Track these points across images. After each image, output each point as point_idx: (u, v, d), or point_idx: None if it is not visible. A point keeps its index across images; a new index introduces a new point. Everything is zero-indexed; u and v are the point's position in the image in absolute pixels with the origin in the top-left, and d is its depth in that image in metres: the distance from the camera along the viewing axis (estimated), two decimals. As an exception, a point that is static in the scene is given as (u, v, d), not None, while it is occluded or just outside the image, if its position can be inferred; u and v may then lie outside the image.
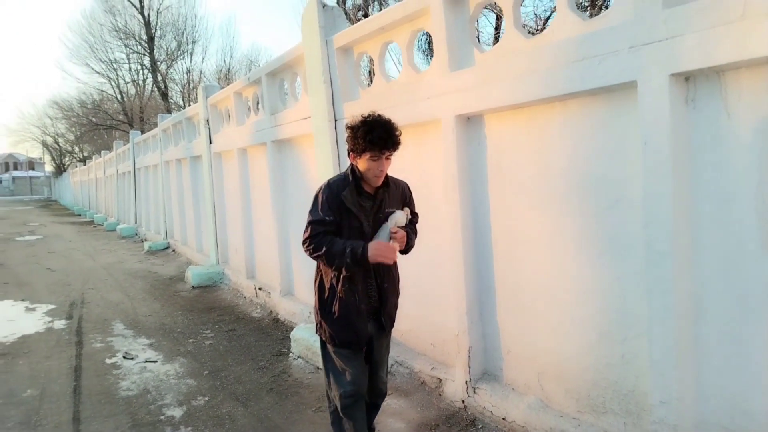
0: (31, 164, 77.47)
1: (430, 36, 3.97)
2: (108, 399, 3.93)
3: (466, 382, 3.44)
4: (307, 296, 5.64)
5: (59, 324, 6.05)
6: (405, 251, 2.69)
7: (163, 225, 12.41)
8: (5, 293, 7.77)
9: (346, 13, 13.27)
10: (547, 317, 3.04)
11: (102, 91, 34.32)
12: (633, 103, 2.39)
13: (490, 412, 3.27)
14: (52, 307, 6.88)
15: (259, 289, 6.56)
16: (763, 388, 2.14)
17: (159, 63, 31.53)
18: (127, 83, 32.90)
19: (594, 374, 2.79)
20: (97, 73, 32.83)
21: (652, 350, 2.40)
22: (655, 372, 2.39)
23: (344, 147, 4.39)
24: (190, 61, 38.86)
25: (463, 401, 3.46)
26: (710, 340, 2.29)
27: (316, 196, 2.61)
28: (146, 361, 4.71)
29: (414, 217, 2.80)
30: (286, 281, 6.04)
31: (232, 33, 76.66)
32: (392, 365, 4.10)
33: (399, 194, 2.73)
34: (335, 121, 4.48)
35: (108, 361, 4.76)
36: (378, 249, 2.42)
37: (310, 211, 2.59)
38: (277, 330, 5.51)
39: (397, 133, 2.48)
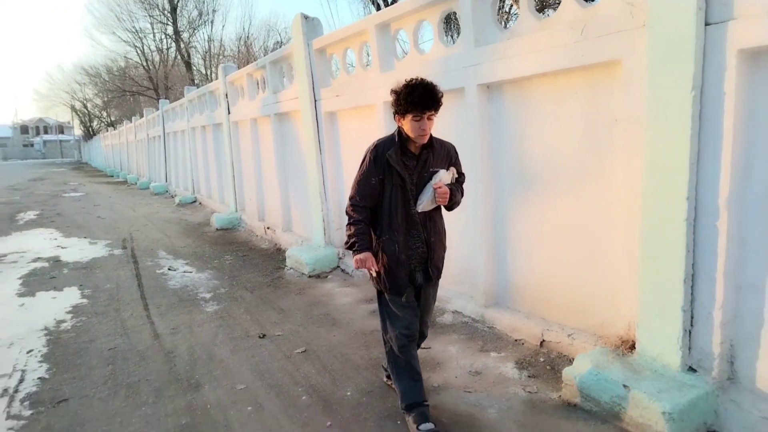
0: (61, 128, 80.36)
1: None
2: (161, 289, 5.91)
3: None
4: (301, 231, 7.57)
5: (117, 251, 8.09)
6: (450, 207, 2.87)
7: (190, 182, 14.44)
8: (70, 233, 9.87)
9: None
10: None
11: (128, 58, 36.22)
12: (464, 100, 4.15)
13: (405, 294, 5.13)
14: (108, 241, 8.93)
15: (267, 228, 8.51)
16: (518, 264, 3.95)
17: (182, 32, 33.20)
18: (152, 52, 34.64)
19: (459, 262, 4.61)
20: (124, 41, 34.66)
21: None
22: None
23: (323, 122, 6.23)
24: (211, 30, 40.41)
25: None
26: (511, 245, 4.09)
27: (365, 156, 2.82)
28: (185, 272, 6.69)
29: (461, 177, 2.96)
30: (286, 221, 7.98)
31: (250, 1, 77.56)
32: (352, 271, 6.00)
33: (444, 154, 2.85)
34: (315, 101, 6.29)
35: (158, 271, 6.76)
36: (360, 261, 2.73)
37: (359, 170, 2.82)
38: (278, 255, 7.44)
39: (439, 94, 2.61)
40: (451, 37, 12.35)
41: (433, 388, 3.29)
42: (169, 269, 6.83)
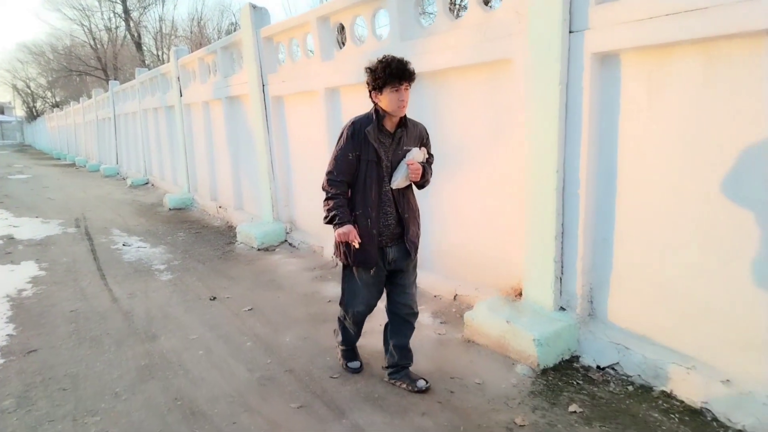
0: (1, 109, 76.63)
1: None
2: (117, 262, 6.28)
3: (333, 246, 5.87)
4: (252, 208, 8.02)
5: (71, 230, 8.33)
6: (421, 185, 2.98)
7: (143, 164, 14.53)
8: (21, 214, 9.95)
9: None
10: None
11: (74, 36, 35.06)
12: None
13: (345, 262, 5.70)
14: (61, 221, 9.12)
15: (219, 207, 8.90)
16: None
17: (131, 11, 32.39)
18: (100, 31, 33.66)
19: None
20: (70, 19, 33.56)
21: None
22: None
23: (270, 106, 6.68)
24: (163, 9, 39.51)
25: (333, 258, 5.90)
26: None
27: (342, 132, 2.85)
28: (139, 247, 7.05)
29: (430, 157, 3.05)
30: (237, 199, 8.41)
31: (203, -21, 75.30)
32: (298, 244, 6.54)
33: (416, 134, 2.92)
34: (263, 86, 6.73)
35: (112, 247, 7.10)
36: (343, 234, 2.76)
37: (336, 146, 2.86)
38: (230, 232, 7.87)
39: (412, 67, 2.70)
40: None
41: (363, 333, 3.89)
42: (123, 245, 7.18)
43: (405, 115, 2.83)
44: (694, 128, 2.80)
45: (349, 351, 3.37)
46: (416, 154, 2.85)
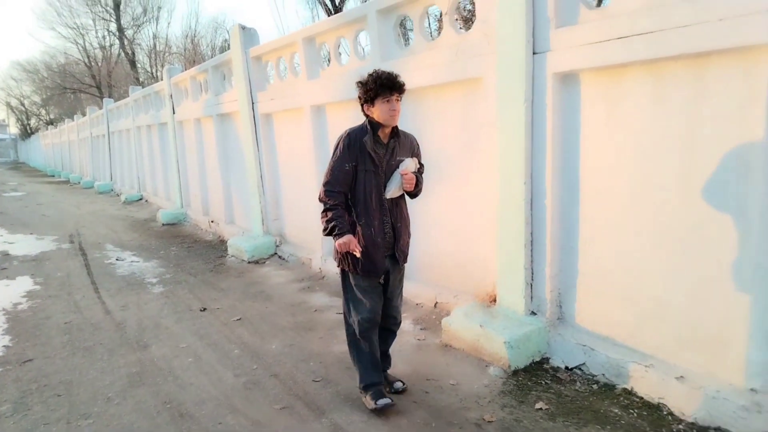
0: (-5, 126, 76.69)
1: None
2: (110, 276, 6.44)
3: (322, 258, 6.06)
4: (242, 222, 8.20)
5: (65, 245, 8.48)
6: (414, 195, 3.04)
7: (136, 180, 14.70)
8: (15, 230, 10.10)
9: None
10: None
11: (68, 54, 35.34)
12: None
13: (335, 272, 5.88)
14: (56, 237, 9.27)
15: (211, 221, 9.08)
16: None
17: (125, 29, 32.72)
18: (94, 49, 33.95)
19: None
20: (64, 38, 33.83)
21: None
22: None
23: (260, 123, 6.90)
24: (156, 27, 39.87)
25: (320, 269, 6.08)
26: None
27: (338, 144, 2.90)
28: (132, 261, 7.21)
29: (421, 167, 3.11)
30: (228, 214, 8.59)
31: (197, -3, 76.24)
32: (288, 256, 6.72)
33: (408, 145, 3.02)
34: (252, 103, 6.95)
35: (106, 261, 7.25)
36: (344, 244, 2.78)
37: (332, 157, 2.89)
38: (221, 245, 8.04)
39: (401, 79, 2.82)
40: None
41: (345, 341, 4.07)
42: (117, 259, 7.33)
43: (397, 126, 2.91)
44: (647, 142, 3.02)
45: (375, 388, 3.00)
46: (409, 164, 2.92)
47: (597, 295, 3.42)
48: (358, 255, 2.84)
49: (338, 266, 3.02)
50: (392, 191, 2.91)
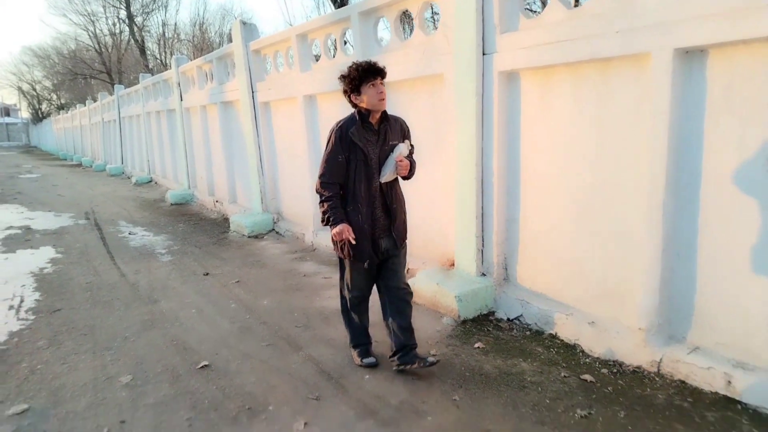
0: (7, 111, 77.56)
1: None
2: (124, 247, 7.16)
3: (313, 232, 6.74)
4: (244, 202, 8.89)
5: (82, 221, 9.21)
6: (408, 177, 3.14)
7: (146, 164, 15.42)
8: (34, 208, 10.85)
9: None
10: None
11: (79, 41, 36.05)
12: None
13: (325, 245, 6.55)
14: (72, 214, 10.00)
15: (216, 201, 9.78)
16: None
17: (135, 16, 33.34)
18: (105, 35, 34.61)
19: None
20: (75, 24, 34.55)
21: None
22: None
23: (259, 111, 7.55)
24: (165, 14, 40.43)
25: (312, 242, 6.76)
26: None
27: (330, 136, 3.04)
28: (143, 235, 7.93)
29: (412, 148, 3.18)
30: (231, 194, 9.29)
31: (205, -16, 76.55)
32: (284, 232, 7.41)
33: (398, 128, 3.12)
34: (252, 93, 7.61)
35: (119, 235, 7.97)
36: (338, 232, 2.97)
37: (326, 150, 3.04)
38: (225, 223, 8.73)
39: (381, 65, 2.96)
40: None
41: (326, 298, 4.75)
42: (129, 234, 8.05)
43: (386, 111, 3.04)
44: (569, 130, 3.65)
45: (362, 347, 3.45)
46: (402, 149, 3.03)
47: (533, 259, 4.08)
48: (352, 242, 3.01)
49: (335, 250, 3.25)
50: (387, 175, 3.04)
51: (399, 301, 3.27)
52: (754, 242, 2.80)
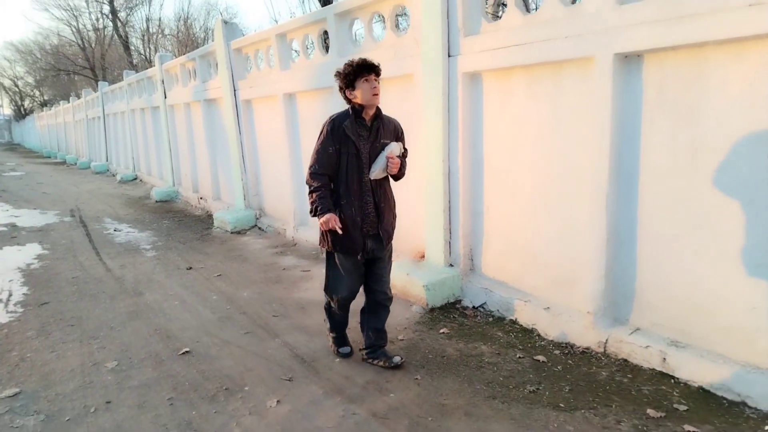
0: (-12, 107, 76.63)
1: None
2: (109, 243, 7.33)
3: (294, 228, 6.96)
4: (228, 198, 9.08)
5: (67, 219, 9.35)
6: (397, 177, 3.19)
7: (131, 161, 15.51)
8: (19, 205, 10.95)
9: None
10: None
11: (61, 36, 35.76)
12: (332, 95, 5.79)
13: (305, 240, 6.78)
14: (57, 212, 10.12)
15: (200, 198, 9.95)
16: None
17: (119, 11, 33.15)
18: (88, 31, 34.38)
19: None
20: (58, 19, 34.24)
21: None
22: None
23: (241, 108, 7.74)
24: (149, 9, 40.15)
25: (292, 237, 6.98)
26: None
27: (322, 128, 3.07)
28: (128, 232, 8.10)
29: (405, 152, 3.25)
30: (215, 191, 9.48)
31: (190, -20, 75.90)
32: (266, 227, 7.62)
33: (392, 129, 3.17)
34: (234, 91, 7.79)
35: (105, 232, 8.13)
36: (325, 221, 2.98)
37: (317, 141, 3.08)
38: (209, 219, 8.91)
39: (376, 62, 3.01)
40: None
41: (303, 290, 4.99)
42: (114, 230, 8.22)
43: (379, 109, 3.09)
44: (528, 130, 3.91)
45: (339, 338, 3.57)
46: (394, 148, 3.05)
47: (496, 250, 4.34)
48: (339, 231, 3.01)
49: (320, 245, 3.24)
50: (376, 172, 3.06)
51: (377, 305, 3.38)
52: (684, 231, 3.08)
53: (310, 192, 3.09)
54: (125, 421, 2.86)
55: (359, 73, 2.96)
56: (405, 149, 3.27)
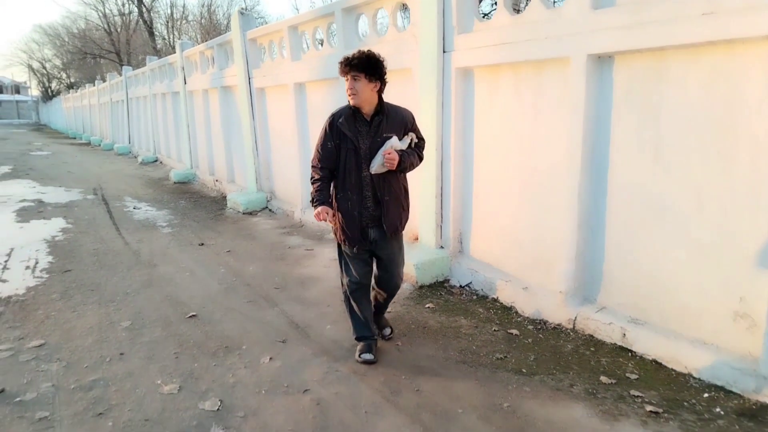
0: (17, 88, 78.36)
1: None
2: (128, 220, 7.78)
3: (301, 210, 7.33)
4: (241, 181, 9.49)
5: (90, 197, 9.85)
6: (402, 170, 3.10)
7: (152, 144, 16.04)
8: (46, 183, 11.49)
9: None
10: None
11: (88, 20, 36.56)
12: (339, 85, 6.11)
13: (311, 222, 7.15)
14: (81, 190, 10.64)
15: (216, 180, 10.38)
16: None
17: (144, -4, 33.76)
18: (114, 16, 35.09)
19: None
20: (86, 3, 35.00)
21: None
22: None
23: (255, 96, 8.11)
24: (174, -6, 40.67)
25: (300, 219, 7.35)
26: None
27: (324, 125, 3.11)
28: (146, 210, 8.56)
29: (420, 141, 3.24)
30: (230, 174, 9.89)
31: (215, -37, 76.37)
32: (276, 209, 8.01)
33: (399, 120, 3.09)
34: (249, 79, 8.16)
35: (125, 209, 8.60)
36: (317, 213, 3.07)
37: (319, 137, 3.14)
38: (223, 200, 9.34)
39: (362, 60, 2.90)
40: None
41: (306, 267, 5.35)
42: (134, 208, 8.68)
43: (383, 102, 3.06)
44: (513, 123, 4.20)
45: (362, 341, 3.37)
46: (395, 143, 3.00)
47: (482, 234, 4.65)
48: (330, 223, 3.14)
49: (333, 234, 3.35)
50: (375, 168, 3.04)
51: (386, 293, 3.48)
52: (647, 219, 3.36)
53: (312, 183, 3.18)
54: (136, 369, 3.26)
55: (341, 71, 2.99)
56: (420, 138, 3.26)
